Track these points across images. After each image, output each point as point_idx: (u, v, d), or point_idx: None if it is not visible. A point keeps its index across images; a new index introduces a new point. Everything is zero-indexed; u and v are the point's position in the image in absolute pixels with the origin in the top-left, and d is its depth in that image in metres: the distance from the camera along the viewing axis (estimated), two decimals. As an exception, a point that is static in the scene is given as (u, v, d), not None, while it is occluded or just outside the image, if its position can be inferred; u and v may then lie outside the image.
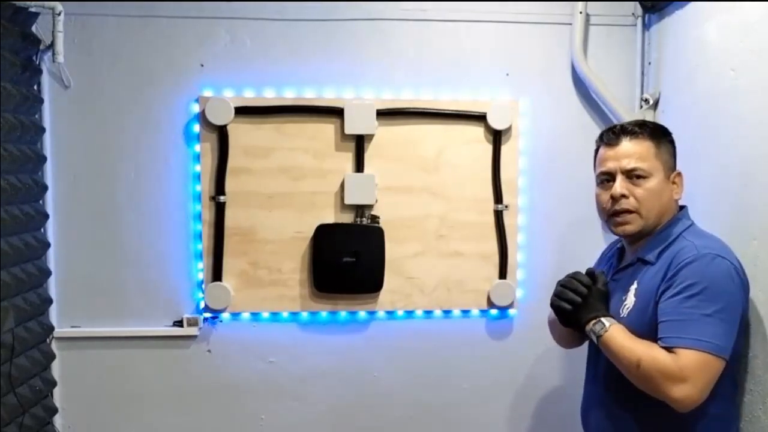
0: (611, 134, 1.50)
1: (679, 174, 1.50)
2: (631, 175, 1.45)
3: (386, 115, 2.12)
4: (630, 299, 1.46)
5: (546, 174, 2.21)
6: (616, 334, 1.39)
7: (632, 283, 1.47)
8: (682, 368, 1.29)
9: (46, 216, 2.07)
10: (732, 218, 1.63)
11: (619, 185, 1.45)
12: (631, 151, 1.46)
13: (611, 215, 1.49)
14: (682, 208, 1.52)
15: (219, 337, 2.19)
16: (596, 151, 1.56)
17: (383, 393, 2.24)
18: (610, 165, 1.48)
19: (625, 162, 1.45)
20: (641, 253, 1.49)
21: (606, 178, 1.50)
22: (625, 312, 1.46)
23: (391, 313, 2.22)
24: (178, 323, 2.16)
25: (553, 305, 1.53)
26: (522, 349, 2.24)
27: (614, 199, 1.46)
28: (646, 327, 1.40)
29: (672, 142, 1.51)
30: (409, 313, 2.22)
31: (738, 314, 1.36)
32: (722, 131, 1.70)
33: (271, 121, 2.12)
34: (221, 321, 2.19)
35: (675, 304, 1.34)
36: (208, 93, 2.11)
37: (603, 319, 1.42)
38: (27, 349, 1.94)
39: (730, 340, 1.33)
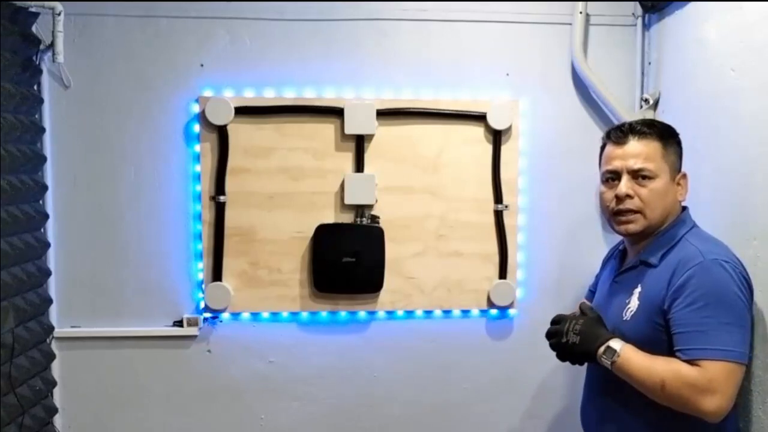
0: (619, 132, 1.48)
1: (684, 176, 1.49)
2: (637, 175, 1.44)
3: (386, 115, 2.12)
4: (634, 302, 1.44)
5: (546, 174, 2.21)
6: (629, 356, 1.37)
7: (636, 287, 1.46)
8: (711, 380, 1.28)
9: (46, 216, 2.07)
10: (732, 218, 1.63)
11: (625, 185, 1.44)
12: (639, 151, 1.44)
13: (614, 214, 1.48)
14: (683, 209, 1.51)
15: (219, 337, 2.19)
16: (602, 147, 1.54)
17: (383, 393, 2.24)
18: (617, 164, 1.46)
19: (632, 162, 1.44)
20: (644, 255, 1.48)
21: (611, 177, 1.48)
22: (628, 315, 1.45)
23: (391, 313, 2.21)
24: (178, 323, 2.16)
25: (557, 346, 1.48)
26: (522, 349, 2.24)
27: (619, 198, 1.45)
28: (650, 331, 1.39)
29: (679, 143, 1.50)
30: (409, 313, 2.22)
31: (749, 318, 1.36)
32: (722, 131, 1.70)
33: (271, 121, 2.12)
34: (221, 321, 2.19)
35: (691, 314, 1.32)
36: (208, 93, 2.11)
37: (611, 344, 1.39)
38: (27, 349, 1.94)
39: (748, 345, 1.33)
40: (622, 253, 1.62)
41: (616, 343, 1.39)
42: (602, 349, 1.39)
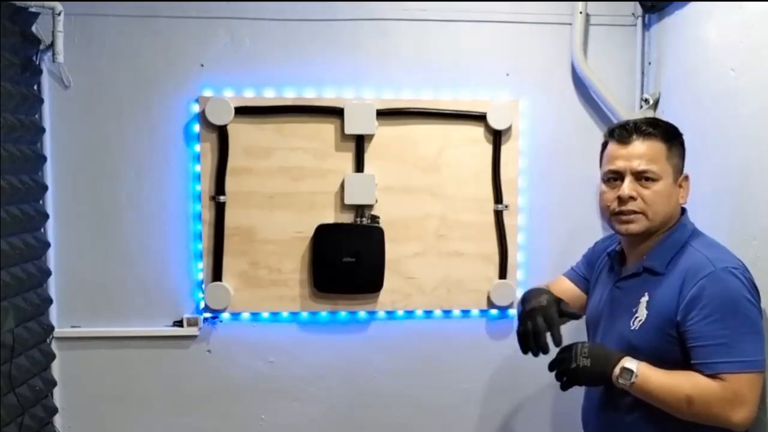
0: (623, 131, 1.44)
1: (686, 177, 1.47)
2: (641, 176, 1.41)
3: (386, 115, 2.12)
4: (642, 312, 1.41)
5: (546, 174, 2.21)
6: (648, 374, 1.34)
7: (642, 295, 1.43)
8: (737, 392, 1.27)
9: (46, 216, 2.07)
10: (732, 218, 1.63)
11: (628, 187, 1.41)
12: (643, 152, 1.41)
13: (615, 214, 1.44)
14: (682, 211, 1.49)
15: (219, 337, 2.19)
16: (603, 145, 1.50)
17: (383, 393, 2.24)
18: (620, 164, 1.42)
19: (636, 163, 1.40)
20: (648, 262, 1.44)
21: (613, 177, 1.45)
22: (636, 325, 1.42)
23: (391, 313, 2.21)
24: (178, 323, 2.16)
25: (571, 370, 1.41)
26: (522, 349, 2.24)
27: (621, 200, 1.42)
28: (660, 342, 1.37)
29: (682, 144, 1.47)
30: (409, 313, 2.22)
31: (762, 322, 1.34)
32: (722, 131, 1.70)
33: (271, 121, 2.12)
34: (221, 321, 2.19)
35: (708, 327, 1.30)
36: (208, 93, 2.11)
37: (626, 364, 1.35)
38: (27, 349, 1.94)
39: (765, 351, 1.32)
40: (620, 255, 1.57)
41: (630, 363, 1.36)
42: (618, 370, 1.36)
